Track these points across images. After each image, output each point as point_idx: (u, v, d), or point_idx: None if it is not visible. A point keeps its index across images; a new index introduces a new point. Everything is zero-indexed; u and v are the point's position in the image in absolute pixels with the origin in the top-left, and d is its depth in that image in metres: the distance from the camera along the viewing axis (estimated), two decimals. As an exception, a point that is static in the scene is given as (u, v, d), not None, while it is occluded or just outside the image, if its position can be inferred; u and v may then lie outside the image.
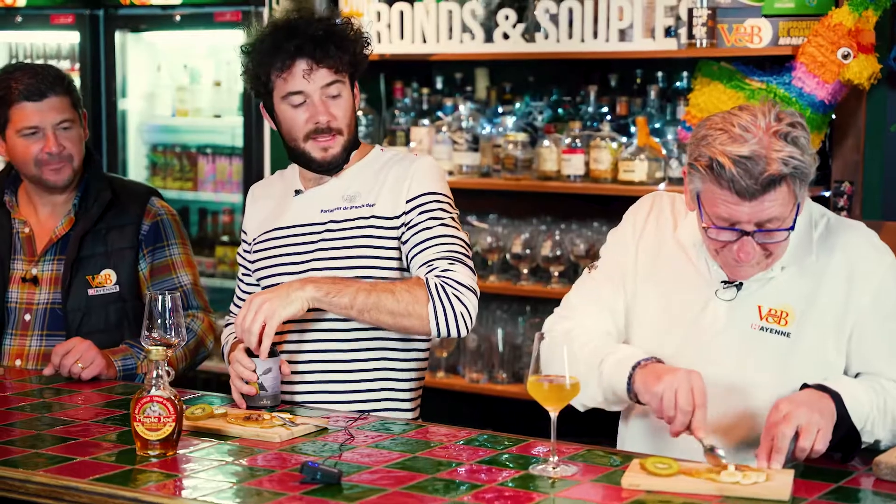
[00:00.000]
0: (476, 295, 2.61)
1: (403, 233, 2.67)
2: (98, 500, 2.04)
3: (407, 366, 2.74)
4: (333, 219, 2.71)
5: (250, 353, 2.54)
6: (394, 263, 2.68)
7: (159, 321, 2.48)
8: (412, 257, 2.65)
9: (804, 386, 2.24)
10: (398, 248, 2.67)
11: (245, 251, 2.88)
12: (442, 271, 2.60)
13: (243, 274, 2.88)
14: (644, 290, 2.44)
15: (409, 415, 2.74)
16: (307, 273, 2.68)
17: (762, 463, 2.11)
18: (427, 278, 2.59)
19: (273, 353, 2.58)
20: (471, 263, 2.65)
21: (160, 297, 2.49)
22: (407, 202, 2.67)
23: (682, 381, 2.18)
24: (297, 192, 2.79)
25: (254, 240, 2.85)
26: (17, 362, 3.08)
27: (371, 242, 2.67)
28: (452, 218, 2.69)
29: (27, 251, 3.14)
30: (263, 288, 2.76)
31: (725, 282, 2.35)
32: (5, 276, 3.11)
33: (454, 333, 2.59)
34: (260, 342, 2.49)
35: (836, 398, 2.19)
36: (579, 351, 2.30)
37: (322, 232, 2.72)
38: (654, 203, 2.52)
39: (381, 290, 2.55)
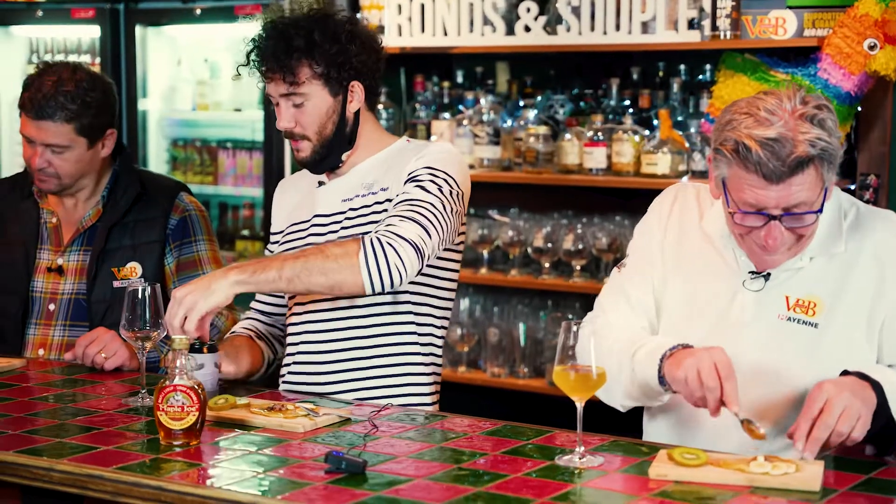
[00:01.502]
0: (417, 250, 2.48)
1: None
2: (122, 489, 2.03)
3: (426, 360, 2.73)
4: (352, 206, 2.71)
5: (193, 349, 2.49)
6: None
7: (140, 313, 2.49)
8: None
9: (844, 373, 2.21)
10: None
11: (273, 243, 2.88)
12: (386, 226, 2.53)
13: None
14: (670, 282, 2.42)
15: (430, 407, 2.73)
16: None
17: (799, 444, 2.08)
18: (365, 233, 2.54)
19: (212, 349, 2.56)
20: (428, 223, 2.52)
21: (140, 289, 2.50)
22: (405, 181, 2.64)
23: (702, 359, 2.15)
24: (321, 183, 2.79)
25: (280, 232, 2.84)
26: (41, 352, 3.09)
27: None
28: (439, 188, 2.59)
29: (54, 241, 3.14)
30: None
31: (753, 272, 2.33)
32: (31, 265, 3.11)
33: (387, 284, 2.47)
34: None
35: (878, 388, 2.16)
36: (611, 347, 2.28)
37: (340, 221, 2.71)
38: (678, 194, 2.50)
39: (309, 252, 2.50)
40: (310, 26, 2.63)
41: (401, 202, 2.58)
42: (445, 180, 2.61)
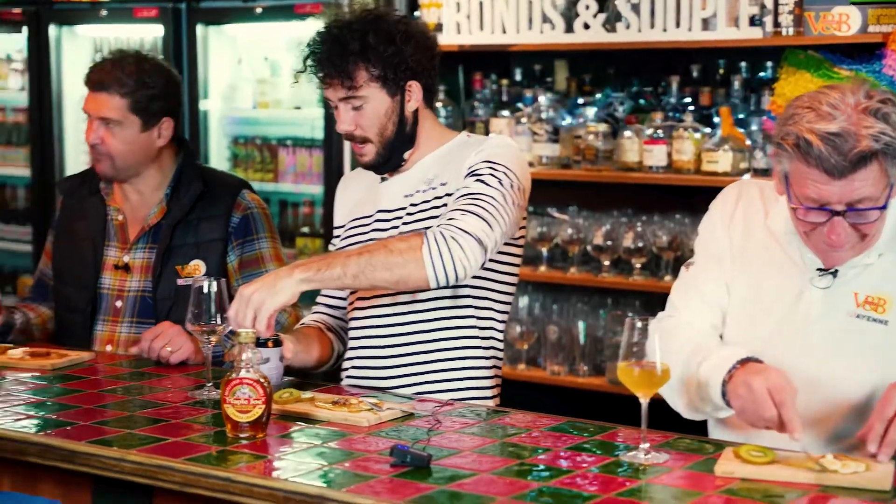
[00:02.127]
0: (480, 243, 2.49)
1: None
2: (191, 480, 2.06)
3: (486, 355, 2.74)
4: (413, 202, 2.72)
5: (259, 343, 2.50)
6: None
7: (205, 308, 2.52)
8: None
9: None
10: None
11: (335, 237, 2.90)
12: (448, 220, 2.54)
13: None
14: (736, 279, 2.40)
15: (490, 403, 2.74)
16: None
17: (871, 446, 2.05)
18: (428, 228, 2.55)
19: (277, 343, 2.58)
20: (489, 216, 2.52)
21: (206, 284, 2.53)
22: (465, 175, 2.64)
23: (756, 390, 2.12)
24: (383, 179, 2.81)
25: (343, 227, 2.86)
26: (108, 348, 3.13)
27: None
28: (500, 181, 2.58)
29: (120, 238, 3.19)
30: None
31: (821, 269, 2.31)
32: (98, 261, 3.16)
33: (451, 277, 2.48)
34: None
35: None
36: (679, 350, 2.27)
37: (401, 217, 2.73)
38: (741, 191, 2.48)
39: (373, 248, 2.51)
40: (364, 28, 2.64)
41: (461, 196, 2.59)
42: (505, 173, 2.62)
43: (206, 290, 2.56)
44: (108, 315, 3.15)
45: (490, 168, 2.61)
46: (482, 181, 2.59)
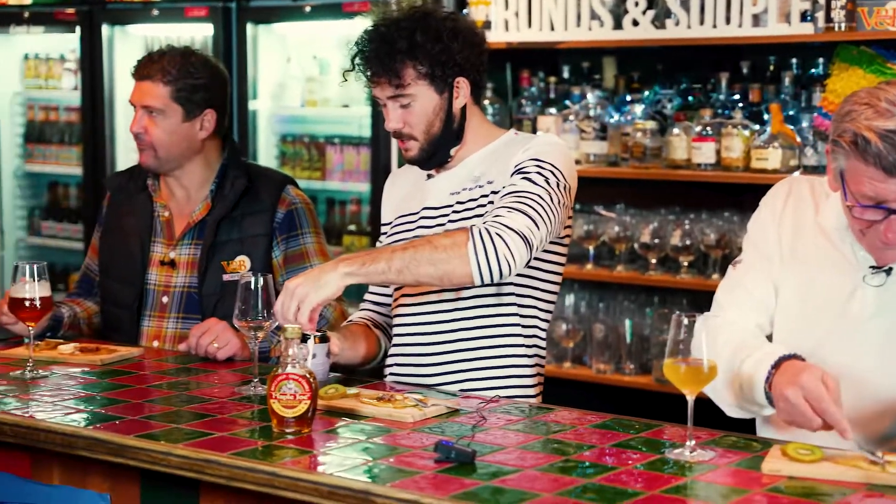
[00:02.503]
0: (525, 241, 2.48)
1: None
2: (237, 474, 2.07)
3: (529, 352, 2.74)
4: (460, 199, 2.72)
5: (304, 339, 2.51)
6: None
7: (252, 304, 2.53)
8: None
9: None
10: None
11: (383, 234, 2.91)
12: (494, 217, 2.53)
13: None
14: (786, 278, 2.38)
15: (532, 400, 2.74)
16: None
17: None
18: (473, 224, 2.53)
19: (323, 339, 2.59)
20: (535, 214, 2.52)
21: (252, 280, 2.54)
22: (512, 173, 2.64)
23: (795, 402, 2.09)
24: (430, 176, 2.81)
25: (390, 223, 2.87)
26: (155, 343, 3.16)
27: None
28: (546, 180, 2.58)
29: (166, 234, 3.21)
30: None
31: (874, 267, 2.28)
32: (145, 258, 3.19)
33: (496, 274, 2.47)
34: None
35: None
36: (720, 352, 2.25)
37: (448, 214, 2.73)
38: (791, 188, 2.45)
39: (418, 243, 2.50)
40: (411, 26, 2.64)
41: (507, 194, 2.58)
42: (552, 172, 2.61)
43: (252, 285, 2.57)
44: (155, 311, 3.18)
45: (537, 166, 2.61)
46: (529, 179, 2.59)
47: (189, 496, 2.21)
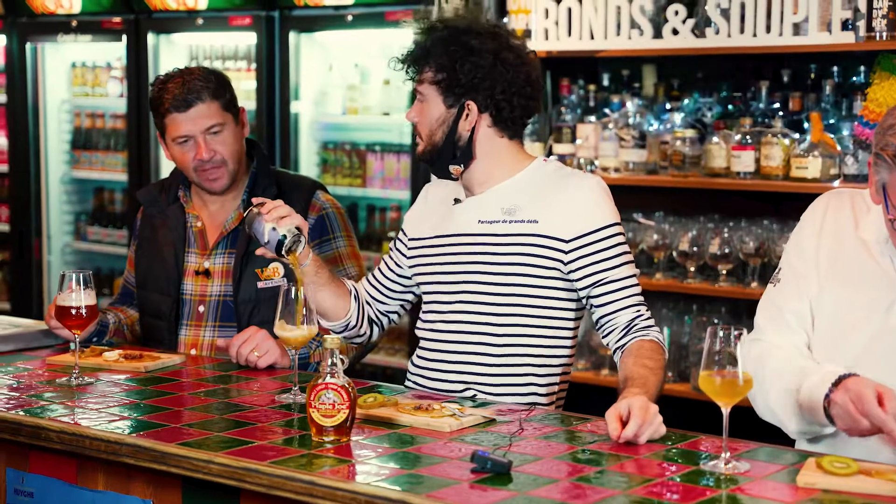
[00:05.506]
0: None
1: (579, 260, 2.68)
2: (277, 483, 2.11)
3: (551, 362, 2.76)
4: (493, 231, 2.74)
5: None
6: (552, 283, 2.71)
7: (292, 312, 2.57)
8: (602, 297, 2.69)
9: None
10: (559, 269, 2.69)
11: (401, 241, 2.94)
12: (648, 323, 2.68)
13: (390, 257, 2.96)
14: (826, 292, 2.37)
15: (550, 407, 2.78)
16: (464, 284, 2.74)
17: None
18: (653, 336, 2.66)
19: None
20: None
21: (293, 288, 2.58)
22: (584, 235, 2.67)
23: (844, 407, 2.11)
24: (457, 200, 2.83)
25: (410, 238, 2.90)
26: (193, 352, 3.20)
27: (533, 261, 2.70)
28: (626, 253, 2.72)
29: (200, 245, 3.25)
30: (423, 293, 2.85)
31: (916, 280, 2.28)
32: (180, 268, 3.23)
33: None
34: None
35: None
36: (772, 380, 2.26)
37: (480, 244, 2.75)
38: (830, 202, 2.45)
39: (646, 378, 2.54)
40: (447, 33, 2.71)
41: (622, 288, 2.68)
42: (622, 237, 2.72)
43: (293, 294, 2.61)
44: (192, 320, 3.22)
45: (618, 243, 2.70)
46: (622, 264, 2.70)
47: (229, 503, 2.24)
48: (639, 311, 2.69)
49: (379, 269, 2.97)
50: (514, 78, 2.70)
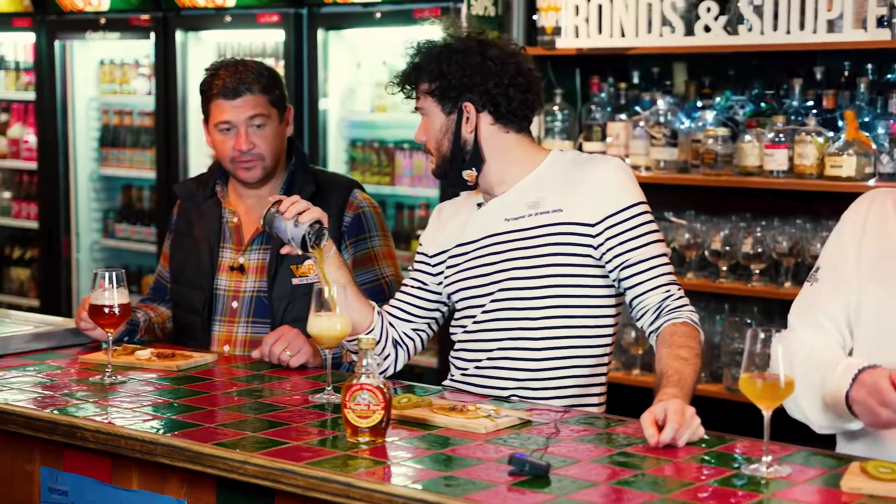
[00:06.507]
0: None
1: (607, 242, 2.66)
2: (313, 484, 2.09)
3: (595, 361, 2.75)
4: (520, 227, 2.72)
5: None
6: (585, 270, 2.68)
7: (325, 310, 2.56)
8: (632, 279, 2.66)
9: None
10: (590, 255, 2.67)
11: (421, 262, 2.91)
12: (681, 302, 2.65)
13: (412, 278, 2.92)
14: (867, 294, 2.34)
15: (597, 409, 2.75)
16: (497, 284, 2.71)
17: None
18: (685, 318, 2.63)
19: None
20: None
21: (326, 286, 2.57)
22: (611, 216, 2.65)
23: (863, 402, 2.10)
24: (479, 204, 2.82)
25: (432, 255, 2.88)
26: (226, 348, 3.20)
27: (562, 249, 2.67)
28: (656, 230, 2.69)
29: (235, 240, 3.25)
30: (456, 301, 2.82)
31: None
32: (215, 263, 3.23)
33: None
34: None
35: None
36: (799, 370, 2.23)
37: (509, 241, 2.73)
38: (873, 201, 2.42)
39: (681, 366, 2.50)
40: (430, 48, 2.73)
41: (658, 266, 2.65)
42: (650, 216, 2.69)
43: (326, 293, 2.59)
44: (225, 316, 3.22)
45: (646, 221, 2.67)
46: (651, 242, 2.66)
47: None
48: (669, 290, 2.65)
49: (401, 292, 2.95)
50: (504, 70, 2.71)
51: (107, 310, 2.79)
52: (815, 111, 4.04)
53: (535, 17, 4.53)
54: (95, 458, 2.48)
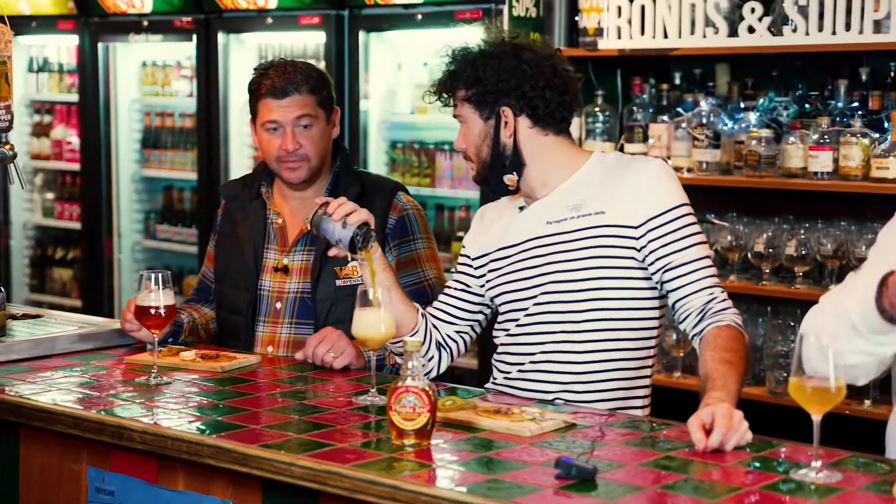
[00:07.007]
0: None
1: (650, 244, 2.65)
2: (360, 486, 2.09)
3: (639, 364, 2.73)
4: (562, 230, 2.71)
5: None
6: (628, 272, 2.67)
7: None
8: (675, 281, 2.65)
9: None
10: (633, 258, 2.66)
11: (464, 264, 2.92)
12: (723, 305, 2.63)
13: (456, 280, 2.93)
14: None
15: (641, 412, 2.73)
16: (540, 287, 2.70)
17: None
18: (729, 320, 2.61)
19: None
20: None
21: (370, 289, 2.57)
22: (653, 217, 2.64)
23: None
24: (521, 207, 2.81)
25: (475, 258, 2.88)
26: (269, 349, 3.21)
27: (605, 252, 2.67)
28: (699, 232, 2.68)
29: (279, 241, 3.26)
30: (498, 305, 2.81)
31: None
32: (259, 264, 3.24)
33: None
34: None
35: None
36: (827, 320, 2.23)
37: (551, 244, 2.72)
38: None
39: (725, 369, 2.49)
40: (465, 55, 2.73)
41: (697, 269, 2.64)
42: (693, 218, 2.68)
43: (370, 294, 2.60)
44: (269, 316, 3.23)
45: (690, 224, 2.66)
46: (694, 245, 2.65)
47: (310, 506, 2.24)
48: (712, 293, 2.64)
49: (445, 294, 2.95)
50: (539, 72, 2.70)
51: (153, 311, 2.81)
52: (860, 112, 4.00)
53: (577, 18, 4.52)
54: (141, 458, 2.49)
